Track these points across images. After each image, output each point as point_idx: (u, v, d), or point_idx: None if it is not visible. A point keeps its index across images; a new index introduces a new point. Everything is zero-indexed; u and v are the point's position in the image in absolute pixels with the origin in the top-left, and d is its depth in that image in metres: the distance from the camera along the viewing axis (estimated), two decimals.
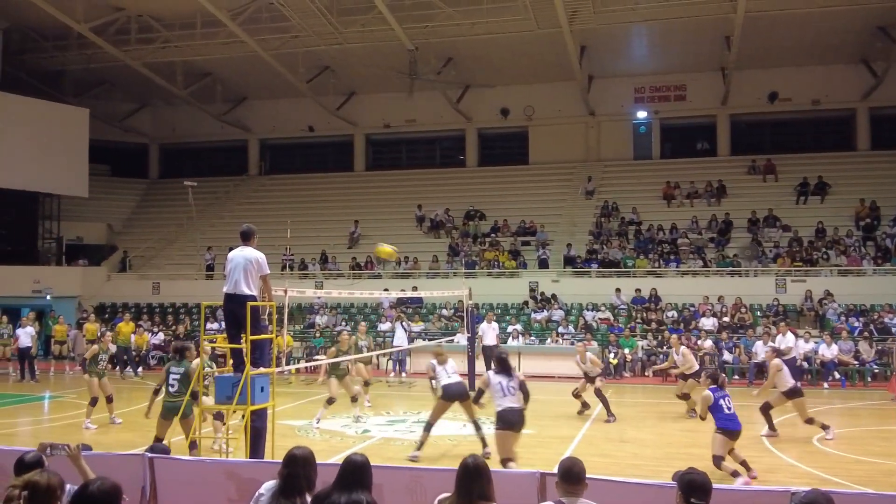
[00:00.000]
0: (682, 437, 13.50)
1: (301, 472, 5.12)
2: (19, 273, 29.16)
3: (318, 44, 29.63)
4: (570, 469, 5.04)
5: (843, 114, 32.88)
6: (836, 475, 10.19)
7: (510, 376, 9.51)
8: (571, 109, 34.45)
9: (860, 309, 24.03)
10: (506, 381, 9.43)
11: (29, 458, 5.18)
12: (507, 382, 9.43)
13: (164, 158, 40.96)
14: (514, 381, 9.47)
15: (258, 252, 9.42)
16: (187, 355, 11.17)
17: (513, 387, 9.42)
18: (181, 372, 10.96)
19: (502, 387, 9.38)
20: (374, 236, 31.83)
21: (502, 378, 9.46)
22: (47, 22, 29.02)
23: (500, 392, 9.36)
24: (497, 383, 9.43)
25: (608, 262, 28.09)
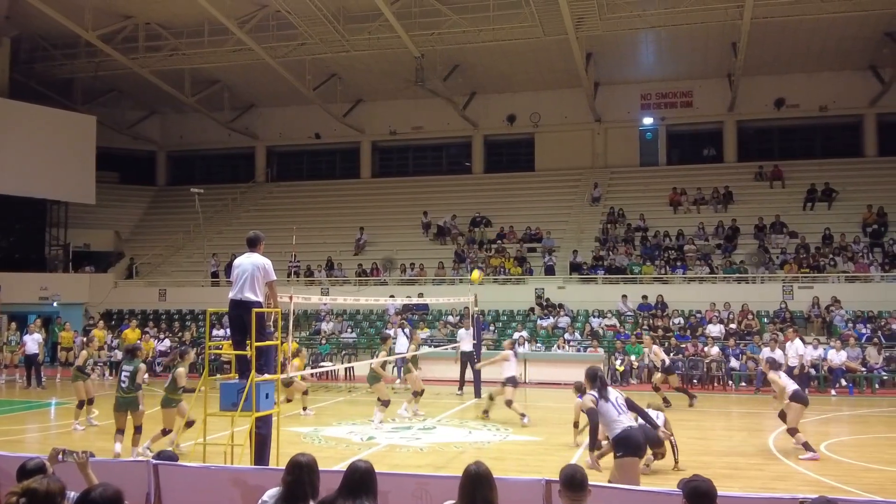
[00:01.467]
0: (689, 444, 13.42)
1: (305, 478, 5.10)
2: (27, 280, 29.24)
3: (325, 51, 29.71)
4: (572, 476, 5.02)
5: (850, 120, 32.80)
6: (846, 483, 10.13)
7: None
8: (578, 116, 34.44)
9: (868, 315, 23.92)
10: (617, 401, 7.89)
11: (31, 465, 5.17)
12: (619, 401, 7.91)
13: (171, 165, 41.10)
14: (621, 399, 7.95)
15: (265, 258, 9.43)
16: (138, 354, 12.62)
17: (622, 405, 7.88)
18: (130, 370, 12.02)
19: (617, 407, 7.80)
20: (381, 243, 31.95)
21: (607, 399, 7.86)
22: (56, 30, 29.18)
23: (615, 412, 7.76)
24: (610, 404, 7.79)
25: (614, 268, 28.03)
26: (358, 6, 27.21)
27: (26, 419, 17.20)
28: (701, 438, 14.02)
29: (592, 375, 7.93)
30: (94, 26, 28.19)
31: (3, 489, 6.79)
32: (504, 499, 5.08)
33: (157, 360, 25.48)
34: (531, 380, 22.52)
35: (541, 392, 20.85)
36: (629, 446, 7.45)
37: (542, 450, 12.76)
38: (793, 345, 19.58)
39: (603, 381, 7.91)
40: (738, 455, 12.34)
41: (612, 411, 7.66)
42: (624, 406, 7.77)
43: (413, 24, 27.46)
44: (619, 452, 7.51)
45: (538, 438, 13.80)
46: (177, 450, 10.97)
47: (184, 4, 27.13)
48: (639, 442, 7.58)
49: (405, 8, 26.93)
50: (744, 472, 11.10)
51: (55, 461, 5.37)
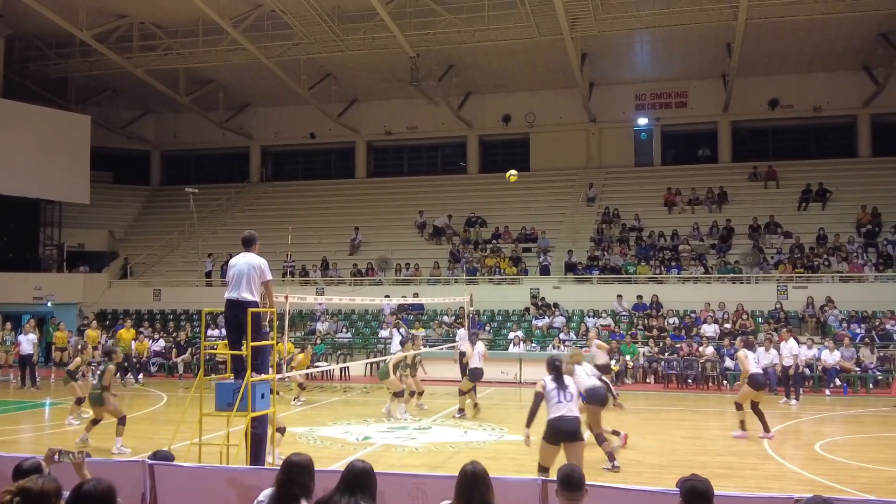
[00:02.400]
0: (685, 444, 13.46)
1: (297, 478, 5.08)
2: (21, 280, 29.15)
3: (319, 51, 29.67)
4: (569, 476, 5.02)
5: (844, 120, 32.89)
6: (840, 482, 10.15)
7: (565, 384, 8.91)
8: (573, 116, 34.48)
9: (862, 315, 23.99)
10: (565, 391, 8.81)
11: (27, 465, 5.15)
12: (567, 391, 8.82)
13: (166, 165, 41.02)
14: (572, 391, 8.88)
15: (260, 258, 9.41)
16: (112, 357, 13.57)
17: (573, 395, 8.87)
18: (101, 370, 13.25)
19: (560, 393, 8.74)
20: (376, 243, 31.95)
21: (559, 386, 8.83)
22: (50, 29, 29.10)
23: (556, 397, 8.72)
24: (552, 389, 8.79)
25: (609, 268, 28.07)
26: (353, 6, 27.19)
27: (20, 419, 17.15)
28: (695, 438, 14.04)
29: (550, 364, 8.97)
30: (89, 25, 28.10)
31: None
32: (500, 498, 5.08)
33: (153, 360, 25.46)
34: (526, 380, 22.54)
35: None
36: (551, 433, 8.59)
37: (537, 450, 12.74)
38: (787, 344, 19.62)
39: (559, 372, 8.85)
40: (733, 455, 12.36)
41: (554, 398, 8.65)
42: (572, 397, 8.72)
43: (408, 24, 27.46)
44: (544, 436, 8.68)
45: (533, 438, 13.78)
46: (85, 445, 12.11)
47: (178, 4, 27.06)
48: (560, 431, 8.53)
49: (400, 8, 26.92)
50: (738, 471, 11.12)
51: (51, 461, 5.36)
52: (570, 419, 8.61)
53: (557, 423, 8.57)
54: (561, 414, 8.57)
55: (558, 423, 8.56)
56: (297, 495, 5.04)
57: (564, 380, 8.86)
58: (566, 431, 8.54)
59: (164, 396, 19.99)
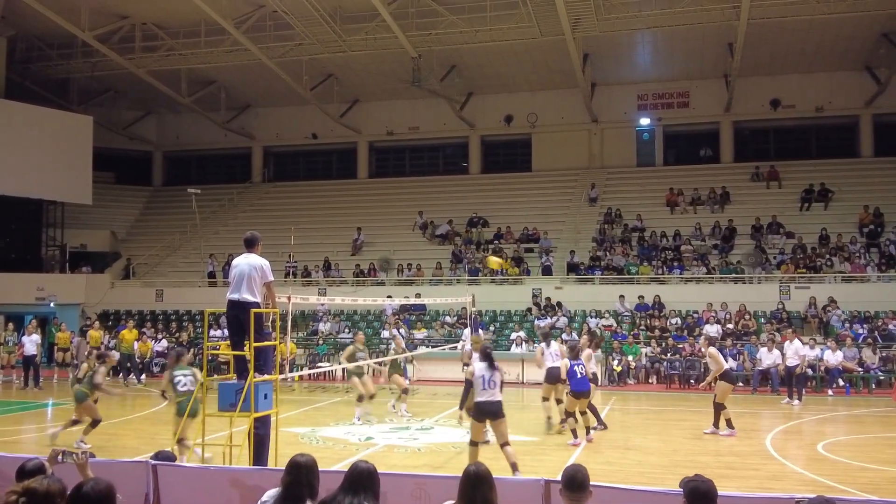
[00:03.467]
0: (688, 444, 13.45)
1: (303, 479, 5.10)
2: (23, 280, 29.17)
3: (321, 51, 29.69)
4: (573, 476, 5.01)
5: (846, 121, 32.86)
6: (842, 482, 10.15)
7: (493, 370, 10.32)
8: (575, 116, 34.47)
9: (864, 316, 23.97)
10: (491, 375, 10.26)
11: (30, 466, 5.16)
12: (492, 376, 10.26)
13: (168, 166, 41.05)
14: (496, 375, 10.31)
15: (262, 259, 9.43)
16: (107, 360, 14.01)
17: (494, 381, 10.25)
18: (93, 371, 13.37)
19: (485, 380, 10.22)
20: (378, 243, 31.94)
21: (489, 372, 10.28)
22: (52, 30, 29.14)
23: (481, 384, 10.23)
24: (480, 376, 10.24)
25: (612, 268, 28.06)
26: (355, 6, 27.21)
27: (23, 420, 17.17)
28: (697, 438, 14.03)
29: (483, 352, 10.69)
30: (91, 26, 28.14)
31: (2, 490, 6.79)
32: (503, 499, 5.08)
33: (155, 360, 25.47)
34: (528, 380, 22.55)
35: (538, 392, 20.83)
36: (478, 412, 10.26)
37: (538, 450, 12.77)
38: (792, 344, 19.60)
39: (491, 360, 10.36)
40: (735, 455, 12.35)
41: (481, 384, 10.19)
42: (496, 384, 10.21)
43: (410, 25, 27.47)
44: (472, 415, 10.45)
45: (535, 439, 13.81)
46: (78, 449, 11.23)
47: (180, 4, 27.09)
48: (484, 411, 10.17)
49: (402, 8, 26.93)
50: (740, 471, 11.12)
51: (55, 462, 5.37)
52: (493, 402, 10.16)
53: (483, 405, 10.19)
54: (486, 398, 10.17)
55: (483, 405, 10.19)
56: (303, 496, 5.05)
57: (493, 367, 10.32)
58: (490, 412, 10.18)
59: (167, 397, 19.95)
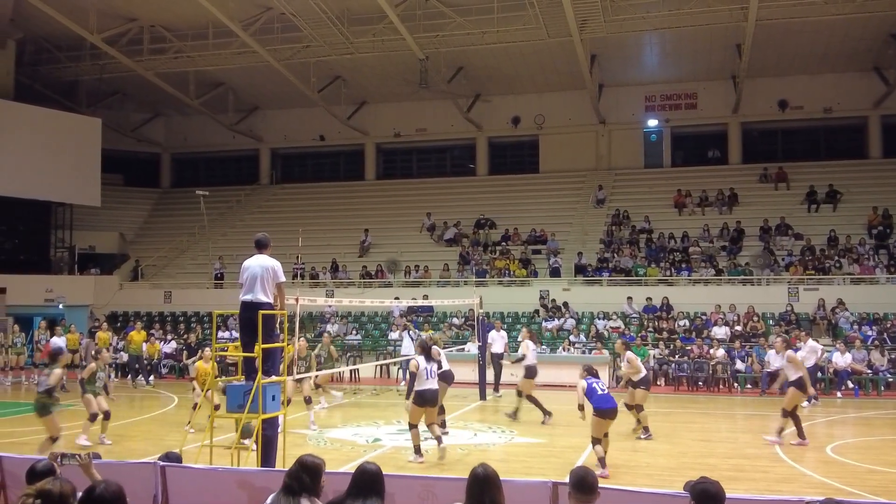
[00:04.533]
0: (696, 446, 13.43)
1: (302, 475, 5.17)
2: (32, 282, 29.29)
3: (329, 53, 29.74)
4: (583, 478, 5.01)
5: (854, 122, 32.76)
6: (851, 485, 10.11)
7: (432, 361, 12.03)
8: (582, 118, 34.43)
9: (873, 317, 23.88)
10: (430, 367, 11.91)
11: (41, 467, 5.19)
12: (431, 367, 11.91)
13: (176, 168, 41.16)
14: (435, 366, 12.02)
15: (274, 260, 9.48)
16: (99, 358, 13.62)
17: (434, 371, 11.92)
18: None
19: (427, 371, 11.82)
20: (385, 245, 31.96)
21: (428, 364, 11.90)
22: (61, 33, 29.27)
23: (425, 375, 11.78)
24: (423, 368, 11.79)
25: (619, 270, 28.02)
26: (362, 8, 27.25)
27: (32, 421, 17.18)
28: (706, 441, 14.01)
29: (422, 345, 12.35)
30: (99, 29, 28.25)
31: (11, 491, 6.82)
32: (511, 501, 5.08)
33: (163, 362, 25.54)
34: (536, 382, 22.48)
35: (546, 394, 20.79)
36: (420, 399, 11.71)
37: (546, 452, 12.76)
38: (806, 345, 19.53)
39: (428, 352, 12.07)
40: (743, 457, 12.32)
41: (424, 375, 11.77)
42: (434, 374, 11.93)
43: (417, 27, 27.50)
44: (414, 400, 11.75)
45: (543, 440, 13.80)
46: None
47: (188, 7, 27.18)
48: (425, 398, 11.68)
49: (409, 10, 26.97)
50: (749, 474, 11.09)
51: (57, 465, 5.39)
52: (433, 391, 11.81)
53: (424, 392, 11.69)
54: (427, 387, 11.73)
55: (424, 393, 11.69)
56: (299, 491, 5.14)
57: (433, 359, 12.09)
58: (429, 399, 11.76)
59: (175, 398, 20.03)
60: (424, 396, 11.67)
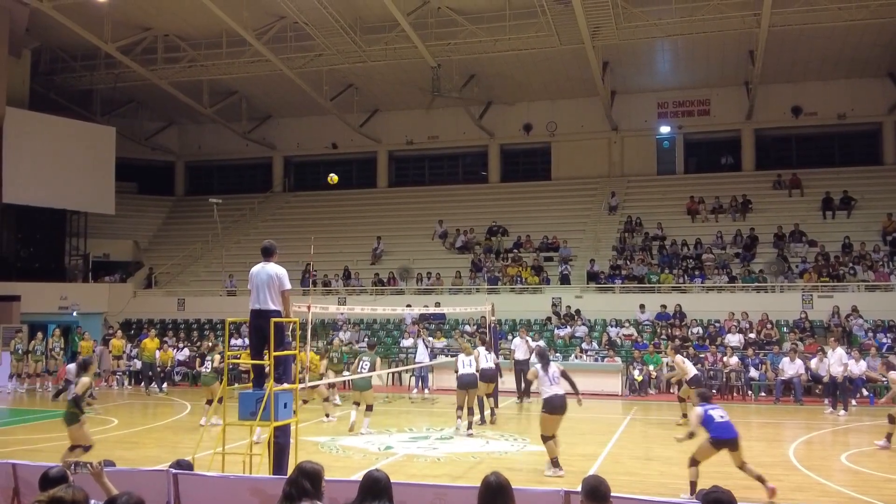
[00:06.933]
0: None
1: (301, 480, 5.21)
2: (46, 289, 29.45)
3: (341, 62, 29.86)
4: (596, 488, 4.99)
5: (869, 128, 32.58)
6: (866, 494, 10.03)
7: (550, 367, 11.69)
8: (594, 125, 34.40)
9: (888, 325, 23.69)
10: (551, 373, 11.57)
11: (53, 474, 5.22)
12: (552, 373, 11.56)
13: (190, 176, 41.37)
14: (556, 372, 11.62)
15: (280, 267, 9.51)
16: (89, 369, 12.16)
17: (556, 377, 11.55)
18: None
19: (549, 378, 11.50)
20: (397, 252, 32.00)
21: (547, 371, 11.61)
22: (76, 42, 29.51)
23: (547, 382, 11.48)
24: (543, 375, 11.55)
25: (632, 277, 27.93)
26: (374, 17, 27.36)
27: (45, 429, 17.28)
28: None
29: (541, 353, 12.30)
30: (114, 38, 28.46)
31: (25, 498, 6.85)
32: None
33: (177, 369, 25.62)
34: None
35: None
36: (547, 405, 11.40)
37: (560, 460, 12.69)
38: (834, 353, 19.41)
39: (547, 359, 11.86)
40: (758, 465, 12.19)
41: (545, 381, 11.49)
42: (556, 379, 11.51)
43: (429, 35, 27.57)
44: (543, 410, 11.45)
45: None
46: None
47: (202, 16, 27.36)
48: (554, 405, 11.35)
49: (421, 18, 27.04)
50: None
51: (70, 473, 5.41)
52: (560, 396, 11.42)
53: (552, 399, 11.41)
54: (553, 393, 11.41)
55: (552, 400, 11.41)
56: (306, 491, 5.16)
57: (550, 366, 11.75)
58: (559, 405, 11.41)
59: (188, 405, 20.10)
60: (554, 403, 11.37)
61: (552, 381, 11.46)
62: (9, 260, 30.92)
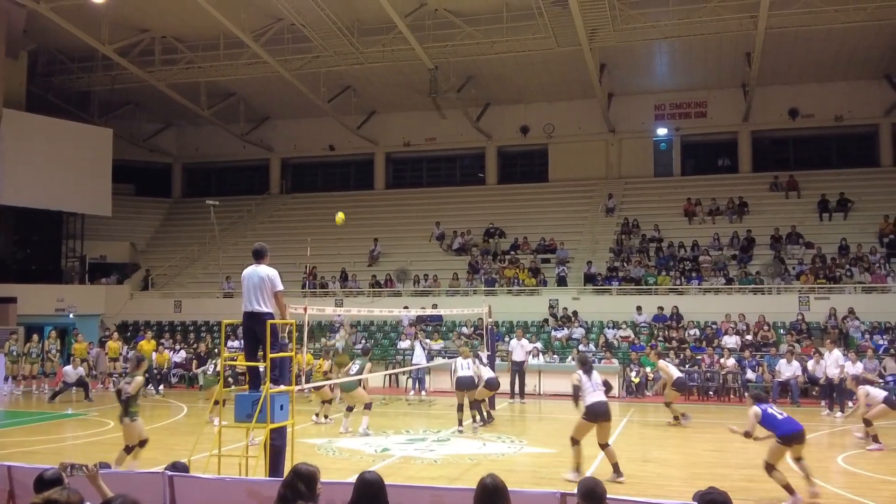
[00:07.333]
0: (708, 456, 13.36)
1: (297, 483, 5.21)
2: (43, 291, 29.42)
3: (339, 64, 29.85)
4: (592, 490, 4.99)
5: (865, 130, 32.63)
6: (863, 495, 10.04)
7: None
8: (592, 127, 34.42)
9: (885, 326, 23.72)
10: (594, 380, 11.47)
11: (48, 476, 5.20)
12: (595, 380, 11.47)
13: (187, 178, 41.34)
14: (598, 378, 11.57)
15: (271, 269, 9.53)
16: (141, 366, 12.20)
17: (599, 383, 11.48)
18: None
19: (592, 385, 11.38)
20: (395, 254, 31.99)
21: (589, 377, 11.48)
22: (73, 44, 29.47)
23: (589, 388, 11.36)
24: (587, 382, 11.39)
25: (629, 279, 27.94)
26: (372, 19, 27.36)
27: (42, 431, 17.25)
28: (717, 451, 13.93)
29: (583, 360, 12.11)
30: (111, 40, 28.45)
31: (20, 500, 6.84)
32: None
33: (173, 371, 25.58)
34: (545, 391, 22.50)
35: (555, 404, 20.79)
36: (590, 413, 11.22)
37: (556, 462, 12.69)
38: (831, 355, 19.43)
39: (589, 366, 11.79)
40: (755, 468, 12.19)
41: (588, 388, 11.35)
42: (598, 385, 11.43)
43: (427, 37, 27.58)
44: (584, 414, 11.31)
45: (552, 451, 13.75)
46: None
47: (199, 18, 27.33)
48: (597, 413, 11.19)
49: (419, 20, 27.05)
50: (760, 484, 10.99)
51: (65, 475, 5.40)
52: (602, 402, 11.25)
53: (595, 406, 11.18)
54: (595, 400, 11.28)
55: (595, 407, 11.19)
56: (293, 499, 5.16)
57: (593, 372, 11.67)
58: (601, 412, 11.21)
59: (185, 408, 20.07)
60: (597, 410, 11.17)
61: (594, 387, 11.32)
62: (5, 261, 30.88)
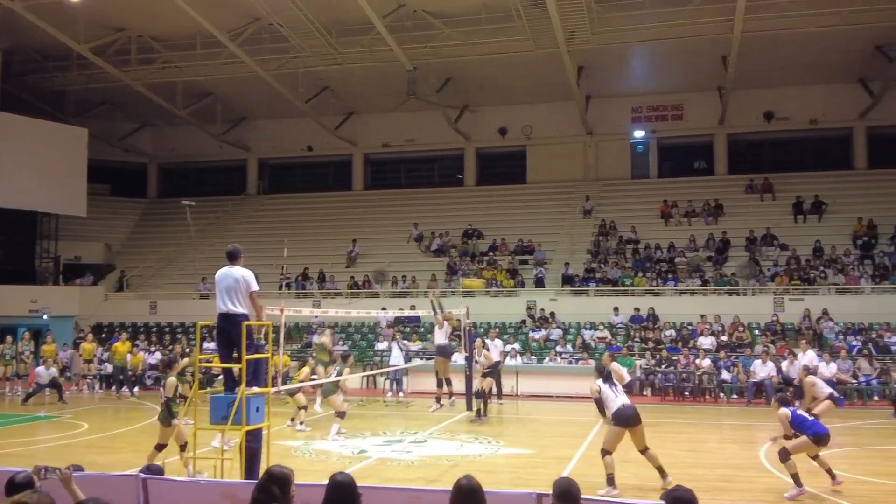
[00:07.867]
0: (683, 456, 13.42)
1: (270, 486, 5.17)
2: (17, 292, 29.08)
3: (317, 64, 29.75)
4: (567, 490, 5.00)
5: (840, 133, 32.97)
6: (839, 496, 10.13)
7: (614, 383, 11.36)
8: (570, 129, 34.52)
9: (858, 327, 23.98)
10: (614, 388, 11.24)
11: (20, 479, 5.13)
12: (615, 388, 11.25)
13: (163, 178, 41.01)
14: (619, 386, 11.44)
15: (245, 270, 9.49)
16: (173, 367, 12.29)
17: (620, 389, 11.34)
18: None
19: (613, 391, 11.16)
20: (373, 255, 31.92)
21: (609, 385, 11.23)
22: (48, 42, 29.13)
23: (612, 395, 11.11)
24: (607, 390, 11.15)
25: (606, 280, 28.06)
26: (350, 19, 27.27)
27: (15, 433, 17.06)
28: (692, 451, 14.01)
29: (601, 369, 11.70)
30: (86, 39, 28.19)
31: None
32: None
33: (148, 373, 25.36)
34: (523, 392, 22.54)
35: (532, 405, 20.83)
36: (619, 419, 10.80)
37: (533, 463, 12.73)
38: (805, 356, 19.59)
39: (609, 375, 11.35)
40: (730, 468, 12.33)
41: (610, 395, 11.06)
42: (620, 391, 11.23)
43: (406, 38, 27.54)
44: (613, 422, 10.87)
45: (530, 451, 13.78)
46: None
47: (176, 17, 27.11)
48: (626, 416, 10.80)
49: (398, 21, 27.00)
50: (735, 484, 11.09)
51: (39, 478, 5.33)
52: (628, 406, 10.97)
53: (623, 411, 10.86)
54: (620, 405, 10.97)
55: (623, 412, 10.87)
56: (274, 495, 5.13)
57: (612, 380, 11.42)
58: (630, 417, 10.85)
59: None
60: (625, 414, 10.80)
61: (617, 393, 11.12)
62: None
